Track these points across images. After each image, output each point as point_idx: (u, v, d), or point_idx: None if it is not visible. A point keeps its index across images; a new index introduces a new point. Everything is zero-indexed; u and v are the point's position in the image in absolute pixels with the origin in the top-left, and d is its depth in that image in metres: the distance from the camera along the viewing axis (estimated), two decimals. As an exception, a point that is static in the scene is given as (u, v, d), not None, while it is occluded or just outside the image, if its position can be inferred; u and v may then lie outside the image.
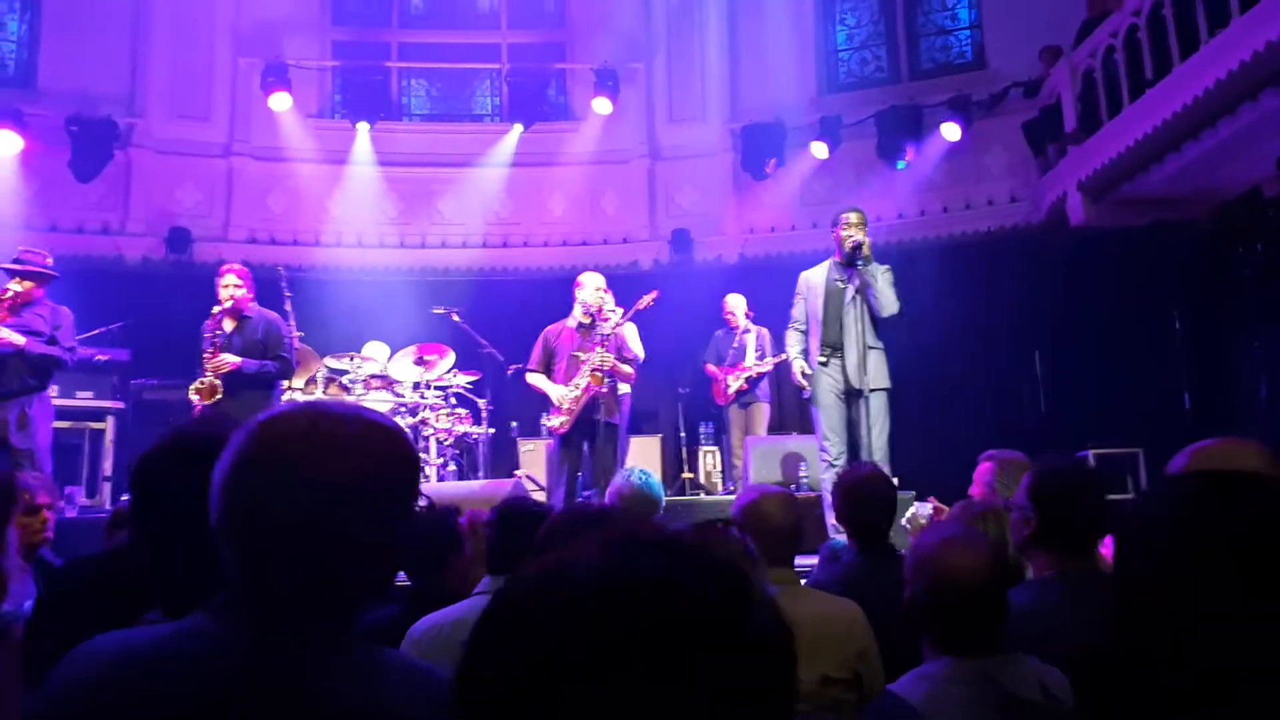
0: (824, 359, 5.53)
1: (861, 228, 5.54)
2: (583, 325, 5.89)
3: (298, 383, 6.70)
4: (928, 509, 4.49)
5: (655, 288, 6.15)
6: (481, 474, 7.28)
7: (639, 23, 10.04)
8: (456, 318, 7.45)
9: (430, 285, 8.77)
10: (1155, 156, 6.85)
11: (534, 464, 7.56)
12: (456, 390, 7.41)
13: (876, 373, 5.40)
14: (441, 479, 7.01)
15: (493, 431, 7.56)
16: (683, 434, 8.34)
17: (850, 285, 5.47)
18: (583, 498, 5.73)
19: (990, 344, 8.46)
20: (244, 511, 1.04)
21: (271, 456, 1.05)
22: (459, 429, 7.15)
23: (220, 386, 5.48)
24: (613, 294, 5.99)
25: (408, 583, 2.74)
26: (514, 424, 7.99)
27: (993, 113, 8.79)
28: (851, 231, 5.50)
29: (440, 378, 7.35)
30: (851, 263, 5.48)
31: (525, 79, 9.76)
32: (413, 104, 10.50)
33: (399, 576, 1.69)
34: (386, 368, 7.29)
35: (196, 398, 5.50)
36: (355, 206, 9.48)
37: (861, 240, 5.46)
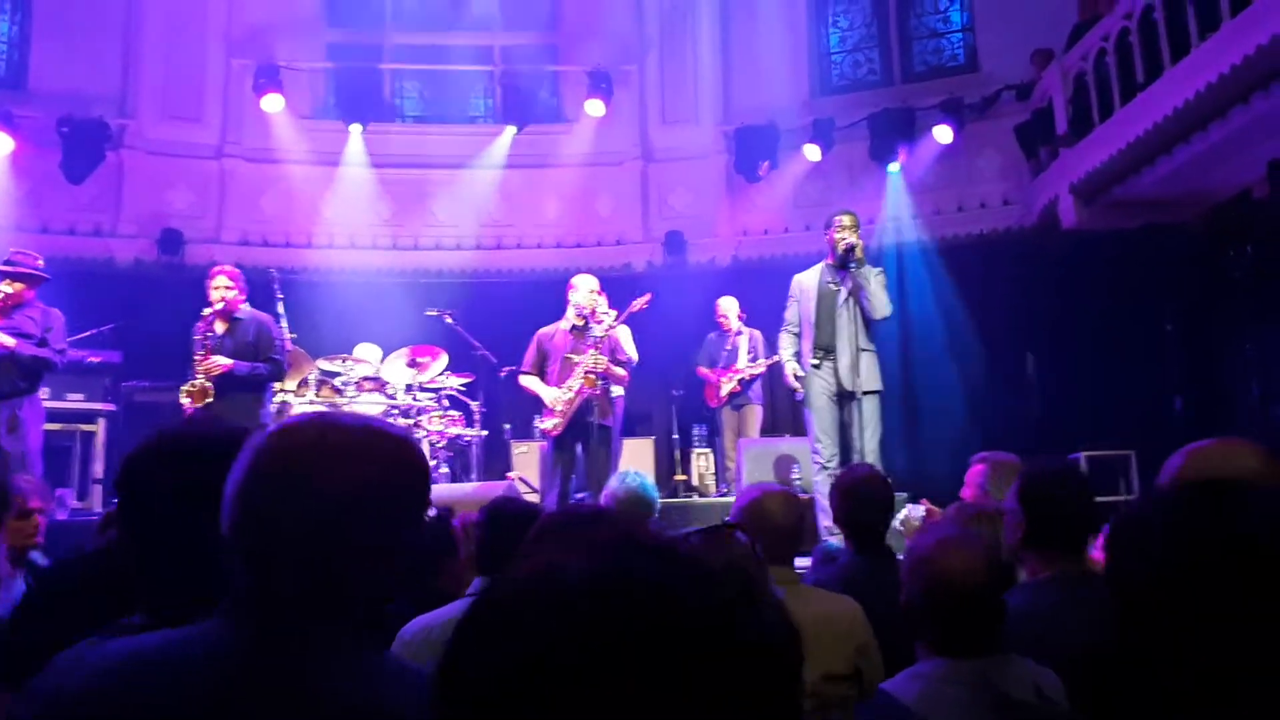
0: (817, 361, 5.54)
1: (854, 230, 5.55)
2: (576, 327, 5.89)
3: (290, 385, 6.68)
4: (920, 511, 4.51)
5: (648, 290, 6.15)
6: (474, 476, 7.27)
7: (632, 25, 10.04)
8: (449, 320, 7.44)
9: (423, 287, 8.75)
10: (1147, 159, 6.88)
11: (527, 466, 7.55)
12: (449, 392, 7.39)
13: (869, 375, 5.42)
14: (434, 481, 6.98)
15: (485, 434, 7.55)
16: (676, 436, 8.34)
17: (843, 288, 5.49)
18: (576, 500, 5.73)
19: (983, 346, 8.48)
20: (255, 521, 1.05)
21: (283, 467, 1.06)
22: (452, 431, 7.14)
23: (211, 389, 5.47)
24: (606, 296, 5.98)
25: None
26: (507, 426, 7.98)
27: (985, 115, 8.81)
28: (844, 234, 5.51)
29: (433, 380, 7.33)
30: (844, 265, 5.49)
31: (518, 81, 9.76)
32: (406, 105, 10.49)
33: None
34: (379, 370, 7.27)
35: (188, 400, 5.48)
36: (348, 208, 9.47)
37: (854, 243, 5.48)
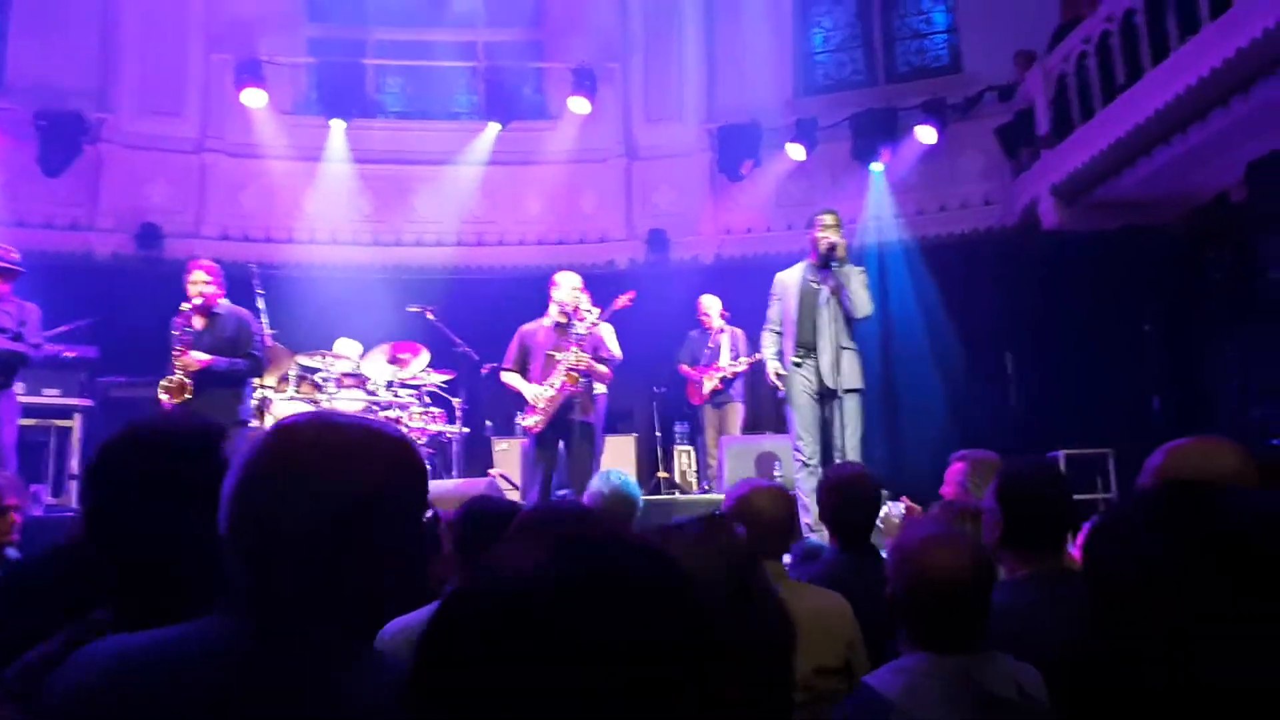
0: (798, 360, 5.55)
1: (836, 229, 5.57)
2: (559, 325, 5.87)
3: (269, 381, 6.63)
4: (900, 508, 4.53)
5: (631, 287, 6.14)
6: (455, 473, 7.24)
7: (616, 22, 10.03)
8: (431, 316, 7.41)
9: (405, 283, 8.70)
10: (1127, 161, 6.93)
11: (508, 463, 7.53)
12: (430, 389, 7.35)
13: (850, 373, 5.43)
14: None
15: (467, 431, 7.52)
16: (658, 433, 8.35)
17: (825, 286, 5.50)
18: (557, 497, 5.71)
19: (963, 346, 8.52)
20: (253, 520, 1.06)
21: (281, 467, 1.06)
22: (433, 428, 7.10)
23: (190, 384, 5.41)
24: (589, 293, 5.97)
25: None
26: (488, 423, 7.96)
27: (967, 116, 8.85)
28: (827, 233, 5.53)
29: (414, 376, 7.29)
30: (826, 264, 5.50)
31: (502, 77, 9.72)
32: (388, 101, 10.43)
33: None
34: (360, 366, 7.23)
35: (165, 396, 5.43)
36: (329, 203, 9.40)
37: (836, 242, 5.49)
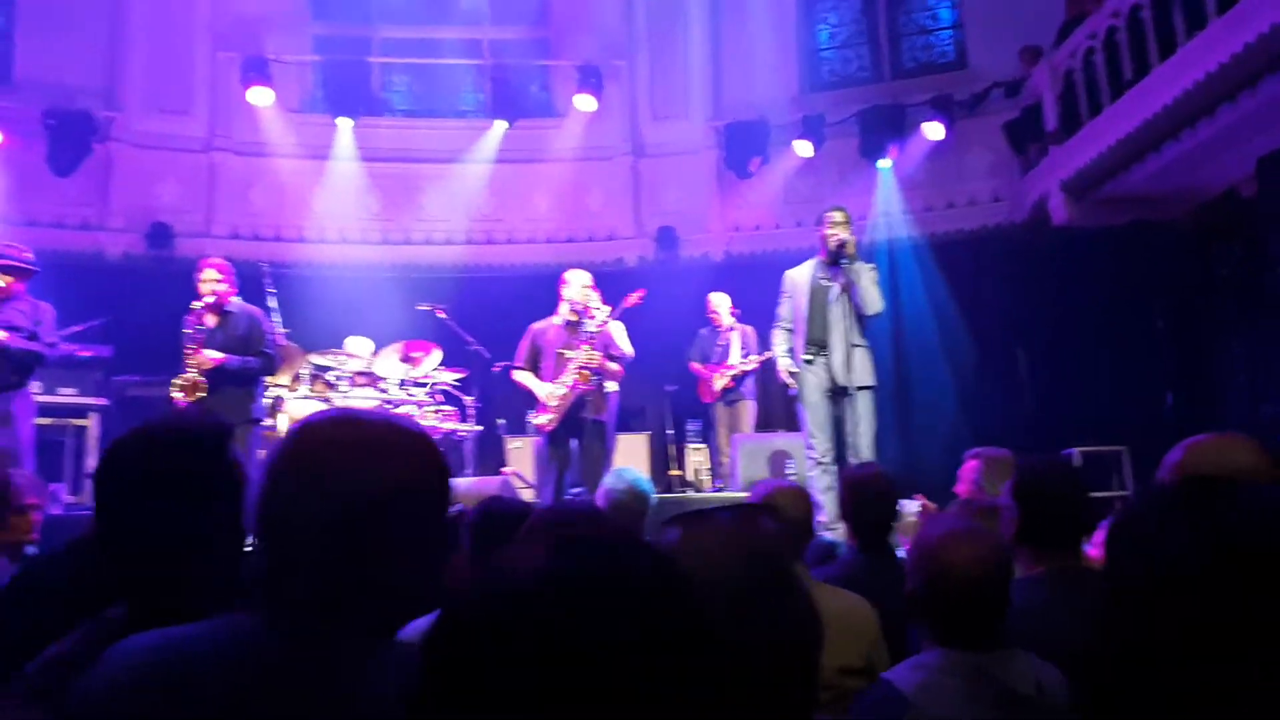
0: (809, 357, 5.56)
1: (846, 226, 5.58)
2: (569, 323, 5.89)
3: (282, 380, 6.66)
4: (915, 506, 4.55)
5: (640, 285, 6.16)
6: (469, 472, 7.27)
7: (622, 20, 10.03)
8: (442, 314, 7.43)
9: (415, 282, 8.71)
10: (1136, 156, 6.93)
11: (521, 462, 7.54)
12: (442, 387, 7.38)
13: (862, 370, 5.44)
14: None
15: (479, 429, 7.54)
16: (670, 431, 8.35)
17: (835, 283, 5.51)
18: (571, 496, 5.73)
19: (974, 342, 8.52)
20: (277, 518, 1.07)
21: (301, 465, 1.07)
22: (445, 426, 7.13)
23: (203, 383, 5.44)
24: (599, 291, 5.99)
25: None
26: (501, 421, 7.96)
27: (974, 112, 8.84)
28: (836, 230, 5.54)
29: (426, 375, 7.31)
30: (836, 261, 5.51)
31: (508, 75, 9.72)
32: (395, 99, 10.44)
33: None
34: (372, 364, 7.25)
35: (179, 395, 5.45)
36: (338, 202, 9.42)
37: (846, 239, 5.50)
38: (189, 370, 5.46)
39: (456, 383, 7.45)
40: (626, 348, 5.97)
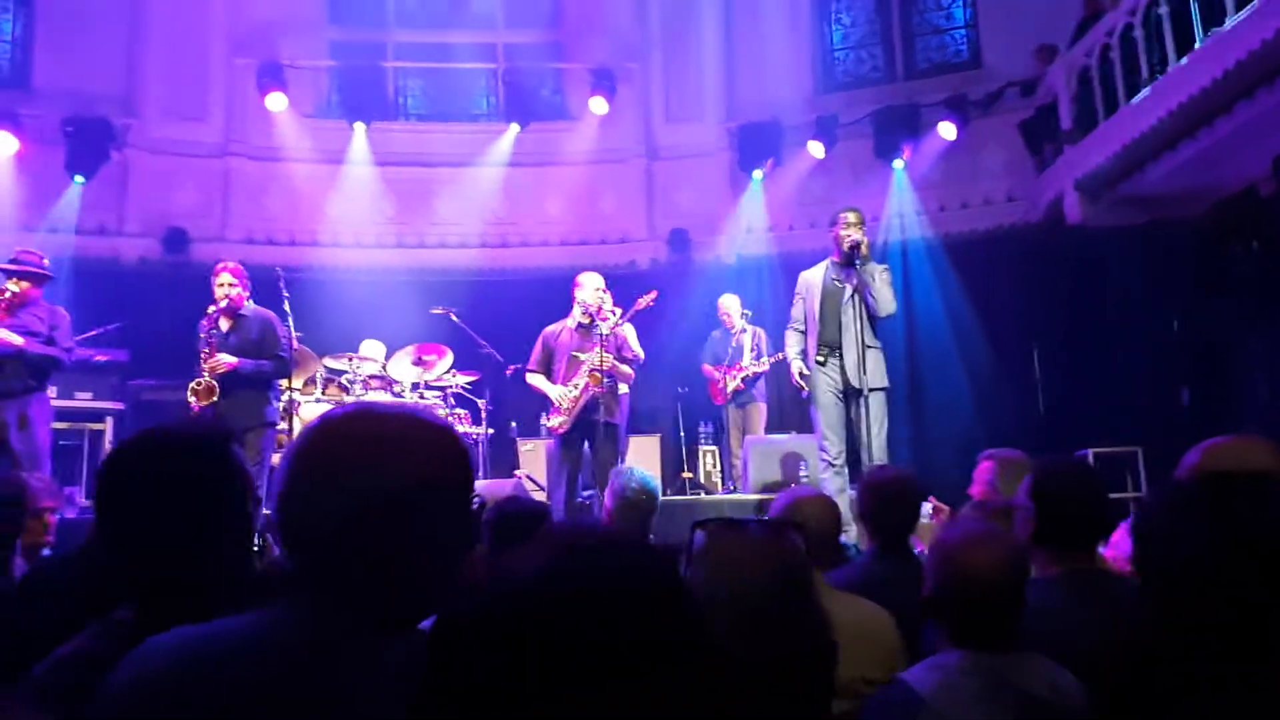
0: (822, 359, 5.54)
1: (859, 227, 5.56)
2: (582, 325, 5.89)
3: (297, 383, 6.69)
4: (927, 508, 4.51)
5: (653, 287, 6.15)
6: (481, 474, 7.28)
7: (635, 22, 10.04)
8: (455, 318, 7.45)
9: (428, 285, 8.74)
10: (1152, 155, 6.87)
11: (533, 464, 7.56)
12: (455, 390, 7.41)
13: (875, 372, 5.42)
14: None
15: (492, 432, 7.56)
16: (682, 433, 8.35)
17: (848, 285, 5.49)
18: (583, 498, 5.74)
19: (988, 343, 8.48)
20: (297, 513, 1.06)
21: (320, 460, 1.07)
22: (458, 429, 7.14)
23: (217, 387, 5.47)
24: (611, 294, 5.99)
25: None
26: (513, 424, 7.98)
27: (989, 112, 8.81)
28: (850, 231, 5.52)
29: (439, 378, 7.34)
30: (850, 262, 5.49)
31: (521, 79, 9.76)
32: (409, 104, 10.48)
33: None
34: (385, 368, 7.28)
35: (194, 399, 5.48)
36: (352, 206, 9.47)
37: (860, 239, 5.48)
38: (204, 374, 5.49)
39: (469, 385, 7.47)
40: (638, 349, 5.97)
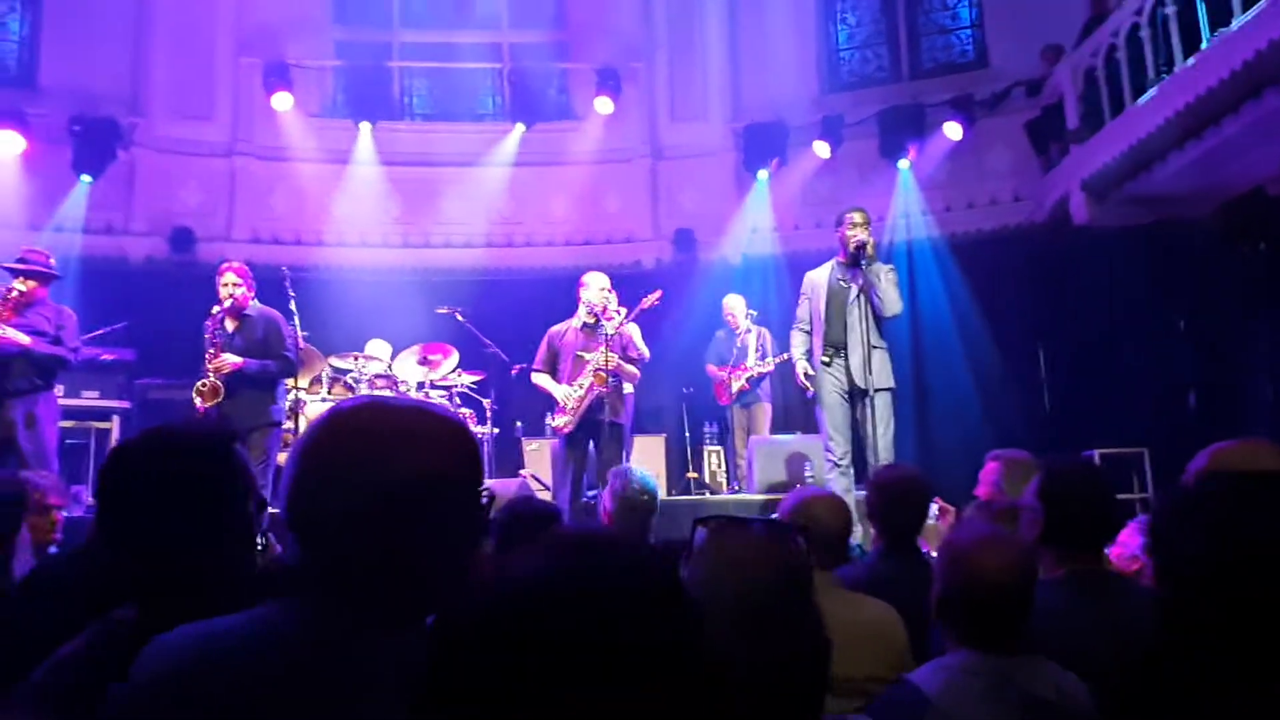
0: (827, 359, 5.54)
1: (865, 227, 5.55)
2: (587, 325, 5.89)
3: (302, 383, 6.70)
4: (934, 508, 4.50)
5: (658, 287, 6.15)
6: (486, 474, 7.28)
7: (640, 22, 10.04)
8: (460, 317, 7.45)
9: (434, 285, 8.75)
10: (1159, 155, 6.86)
11: (538, 463, 7.56)
12: (461, 390, 7.41)
13: (880, 372, 5.41)
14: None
15: (497, 431, 7.56)
16: (687, 434, 8.35)
17: (854, 285, 5.48)
18: (587, 498, 5.74)
19: (994, 343, 8.46)
20: (302, 506, 1.06)
21: (329, 453, 1.07)
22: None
23: (222, 388, 5.47)
24: (616, 294, 5.99)
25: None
26: (518, 424, 7.99)
27: (995, 112, 8.79)
28: (855, 231, 5.51)
29: (444, 377, 7.35)
30: (856, 262, 5.48)
31: (527, 78, 9.76)
32: (414, 103, 10.50)
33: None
34: (391, 367, 7.29)
35: (199, 400, 5.48)
36: (358, 206, 9.48)
37: (865, 240, 5.48)
38: (209, 374, 5.50)
39: (474, 385, 7.47)
40: (643, 348, 5.97)
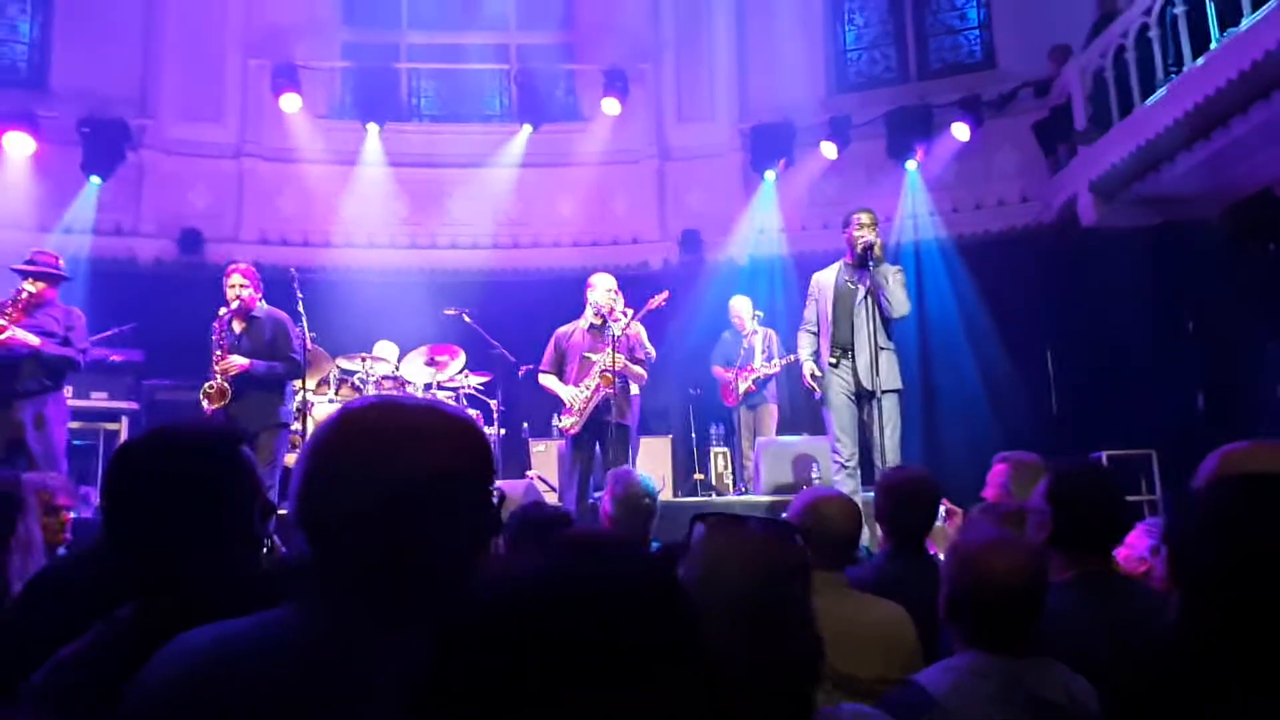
0: (835, 360, 5.53)
1: (873, 228, 5.54)
2: (594, 326, 5.90)
3: (310, 384, 6.71)
4: (940, 510, 4.49)
5: (665, 288, 6.15)
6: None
7: (647, 23, 10.04)
8: (467, 318, 7.46)
9: (441, 286, 8.77)
10: (1167, 156, 6.83)
11: (545, 465, 7.57)
12: (468, 391, 7.42)
13: (888, 374, 5.40)
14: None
15: (504, 432, 7.57)
16: (694, 435, 8.34)
17: (861, 286, 5.47)
18: (594, 499, 5.74)
19: (1002, 345, 8.43)
20: (311, 504, 1.06)
21: (339, 452, 1.07)
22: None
23: (229, 390, 5.48)
24: (623, 295, 5.99)
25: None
26: (525, 425, 7.99)
27: (1003, 112, 8.77)
28: (863, 232, 5.50)
29: (451, 378, 7.36)
30: (863, 263, 5.47)
31: (534, 80, 9.77)
32: (422, 105, 10.51)
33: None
34: (398, 368, 7.30)
35: (206, 402, 5.49)
36: (365, 207, 9.50)
37: (873, 241, 5.47)
38: (216, 376, 5.51)
39: (481, 386, 7.48)
40: (650, 349, 5.97)
